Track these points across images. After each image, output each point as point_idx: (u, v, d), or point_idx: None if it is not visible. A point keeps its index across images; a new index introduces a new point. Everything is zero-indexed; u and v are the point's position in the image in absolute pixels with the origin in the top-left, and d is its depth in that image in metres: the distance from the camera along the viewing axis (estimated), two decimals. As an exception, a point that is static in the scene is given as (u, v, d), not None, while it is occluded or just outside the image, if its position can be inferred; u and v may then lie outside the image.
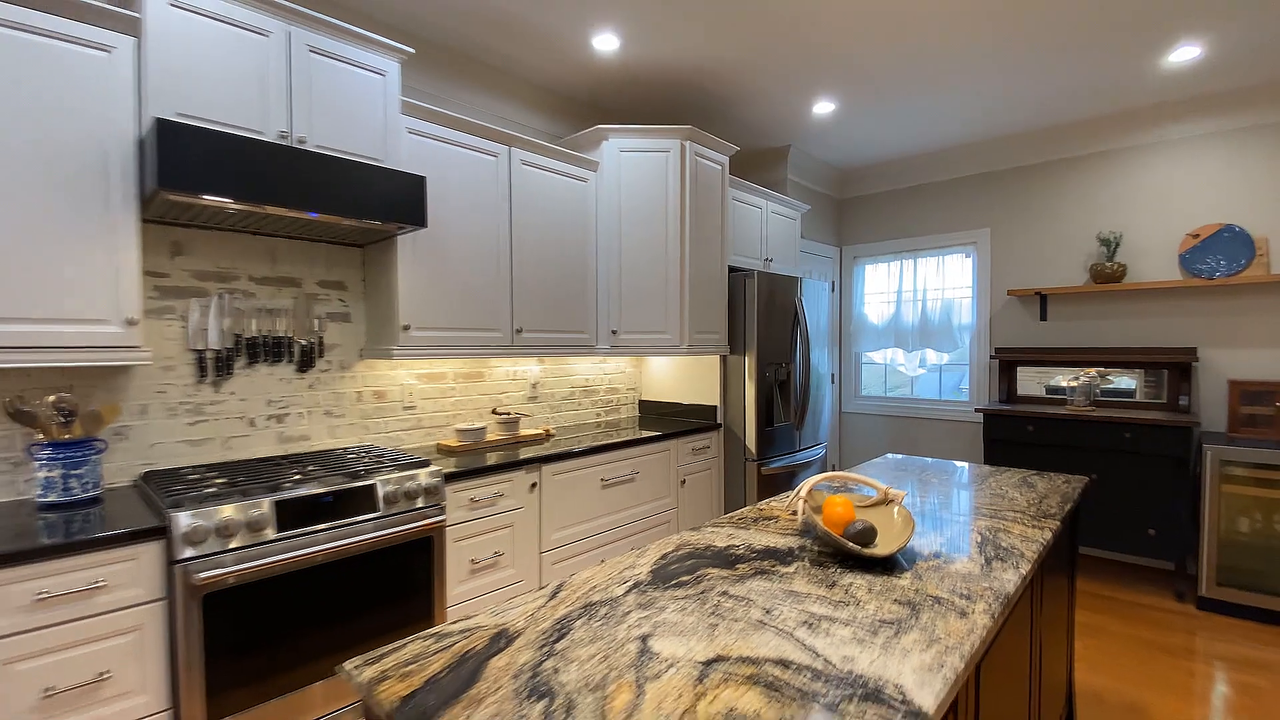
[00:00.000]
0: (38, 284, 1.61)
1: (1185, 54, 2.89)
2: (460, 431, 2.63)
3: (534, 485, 2.46)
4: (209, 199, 1.70)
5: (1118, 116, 3.66)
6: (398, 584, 1.97)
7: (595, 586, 1.14)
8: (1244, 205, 3.40)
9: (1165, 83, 3.22)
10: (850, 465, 4.65)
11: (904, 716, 0.74)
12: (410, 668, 0.86)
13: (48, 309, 1.62)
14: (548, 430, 3.00)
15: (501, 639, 0.94)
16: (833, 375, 4.99)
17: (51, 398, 1.74)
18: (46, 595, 1.41)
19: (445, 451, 2.56)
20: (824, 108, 3.50)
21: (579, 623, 1.00)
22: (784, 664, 0.87)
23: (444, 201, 2.43)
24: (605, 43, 2.73)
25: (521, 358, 2.94)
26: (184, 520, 1.56)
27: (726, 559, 1.29)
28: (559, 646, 0.92)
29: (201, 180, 1.66)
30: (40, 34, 1.59)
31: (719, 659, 0.88)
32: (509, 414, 2.77)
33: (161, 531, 1.55)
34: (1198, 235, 3.50)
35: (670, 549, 1.35)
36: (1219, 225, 3.45)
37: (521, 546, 2.42)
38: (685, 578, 1.18)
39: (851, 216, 4.95)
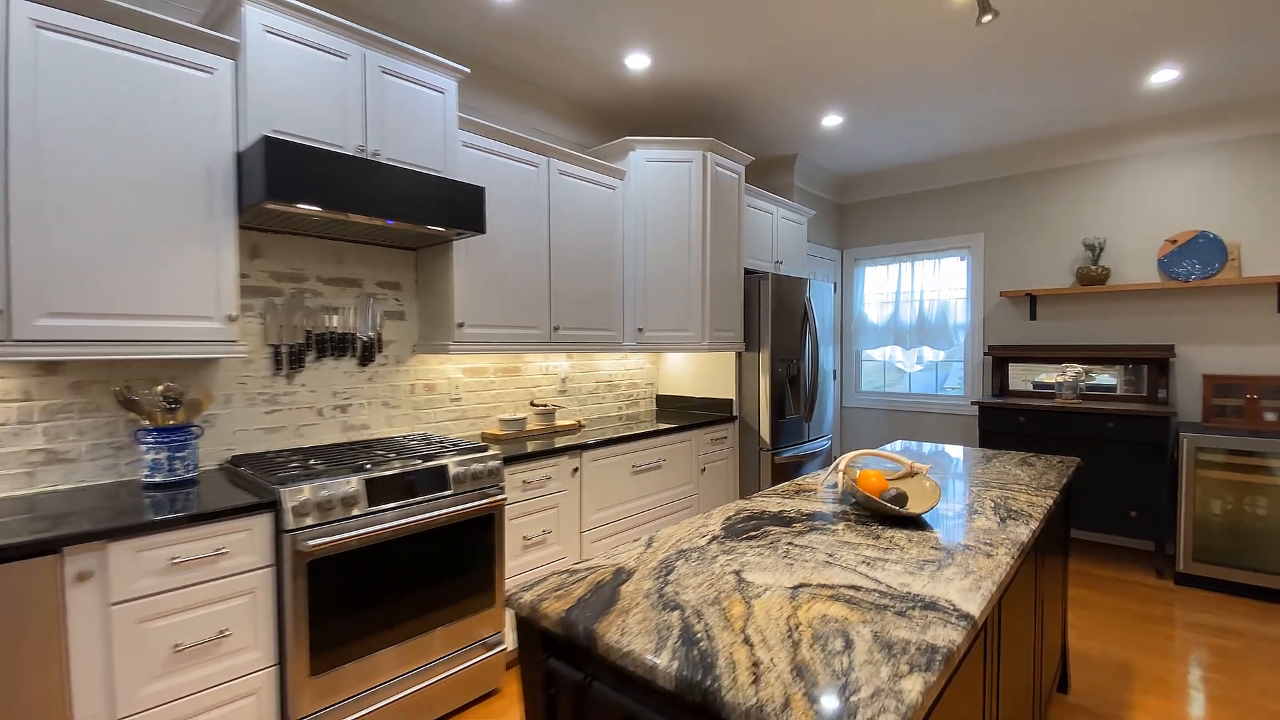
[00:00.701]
0: (150, 284, 1.79)
1: (1165, 75, 3.17)
2: (503, 421, 2.83)
3: (575, 470, 2.67)
4: (302, 207, 1.89)
5: (1103, 130, 3.94)
6: (466, 556, 2.17)
7: (680, 539, 1.36)
8: (1217, 213, 3.70)
9: (1147, 101, 3.50)
10: (846, 457, 4.90)
11: (956, 618, 0.97)
12: (559, 592, 1.07)
13: (158, 306, 1.81)
14: (579, 421, 3.20)
15: (622, 574, 1.15)
16: (835, 371, 5.23)
17: (160, 387, 1.92)
18: (180, 560, 1.60)
19: (490, 439, 2.76)
20: (832, 120, 3.74)
21: (679, 563, 1.21)
22: (854, 588, 1.09)
23: (493, 208, 2.63)
24: (637, 62, 2.95)
25: (554, 354, 3.15)
26: (292, 495, 1.75)
27: (782, 520, 1.51)
28: (671, 578, 1.13)
29: (299, 191, 1.86)
30: (151, 56, 1.78)
31: (802, 585, 1.10)
32: (546, 405, 2.97)
33: (272, 505, 1.74)
34: (1175, 241, 3.79)
35: (732, 513, 1.57)
36: (1194, 232, 3.74)
37: (565, 525, 2.62)
38: (753, 533, 1.40)
39: (853, 221, 5.21)
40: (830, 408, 4.21)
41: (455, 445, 2.32)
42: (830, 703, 0.74)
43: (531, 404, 3.11)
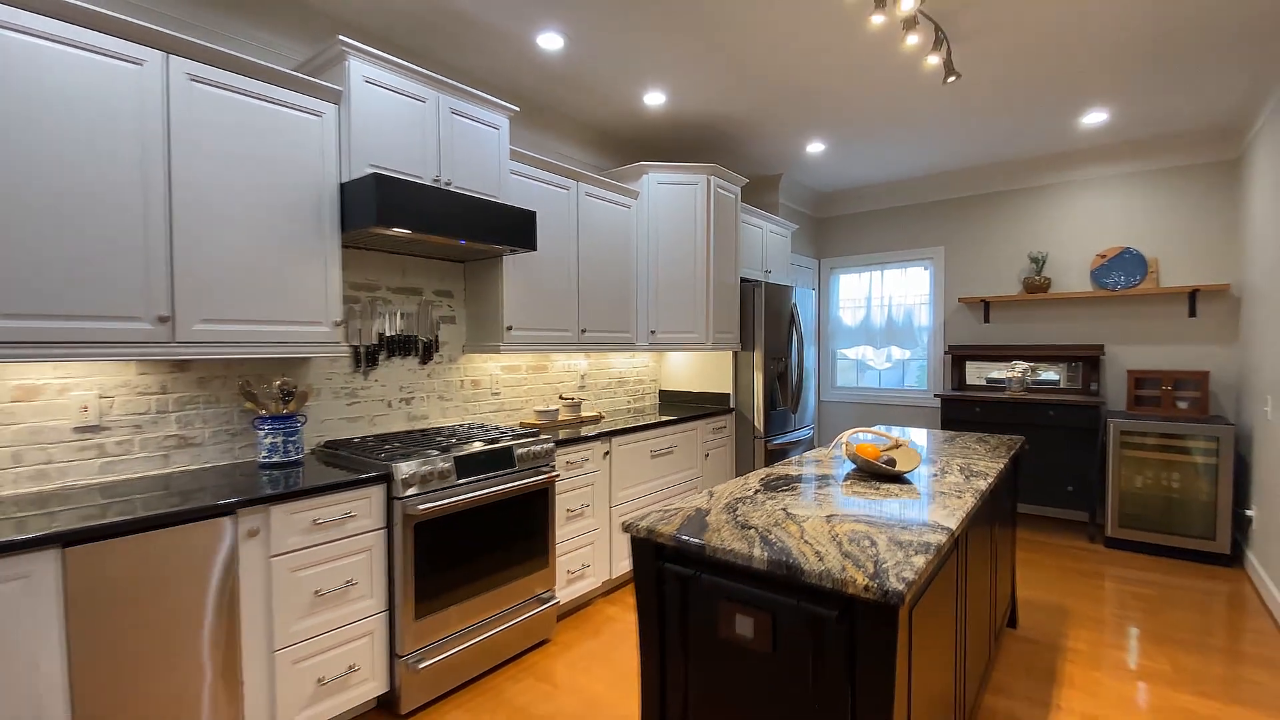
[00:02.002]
0: (275, 295, 2.14)
1: (1096, 117, 3.75)
2: (538, 412, 3.23)
3: (606, 453, 3.08)
4: (399, 230, 2.27)
5: (1045, 160, 4.55)
6: (527, 524, 2.57)
7: (732, 491, 1.80)
8: (1140, 232, 4.33)
9: (1081, 136, 4.10)
10: (830, 443, 5.42)
11: (940, 530, 1.43)
12: (663, 522, 1.49)
13: (281, 313, 2.16)
14: (599, 413, 3.62)
15: (702, 511, 1.58)
16: (814, 369, 5.75)
17: (278, 382, 2.27)
18: (320, 521, 1.97)
19: (527, 428, 3.15)
20: (816, 147, 4.24)
21: (739, 505, 1.65)
22: (869, 516, 1.54)
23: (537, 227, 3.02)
24: (654, 99, 3.38)
25: (579, 353, 3.55)
26: (403, 468, 2.13)
27: (804, 479, 1.96)
28: (738, 512, 1.57)
29: (399, 217, 2.23)
30: (273, 103, 2.13)
31: (833, 515, 1.55)
32: (573, 399, 3.38)
33: (385, 478, 2.12)
34: (1104, 255, 4.42)
35: (764, 476, 2.02)
36: (1121, 248, 4.37)
37: (598, 501, 3.04)
38: (785, 487, 1.85)
39: (829, 233, 5.74)
40: (811, 401, 4.72)
41: (511, 431, 2.71)
42: (869, 567, 1.19)
43: (560, 397, 3.52)
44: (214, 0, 2.30)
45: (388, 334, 2.76)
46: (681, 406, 4.17)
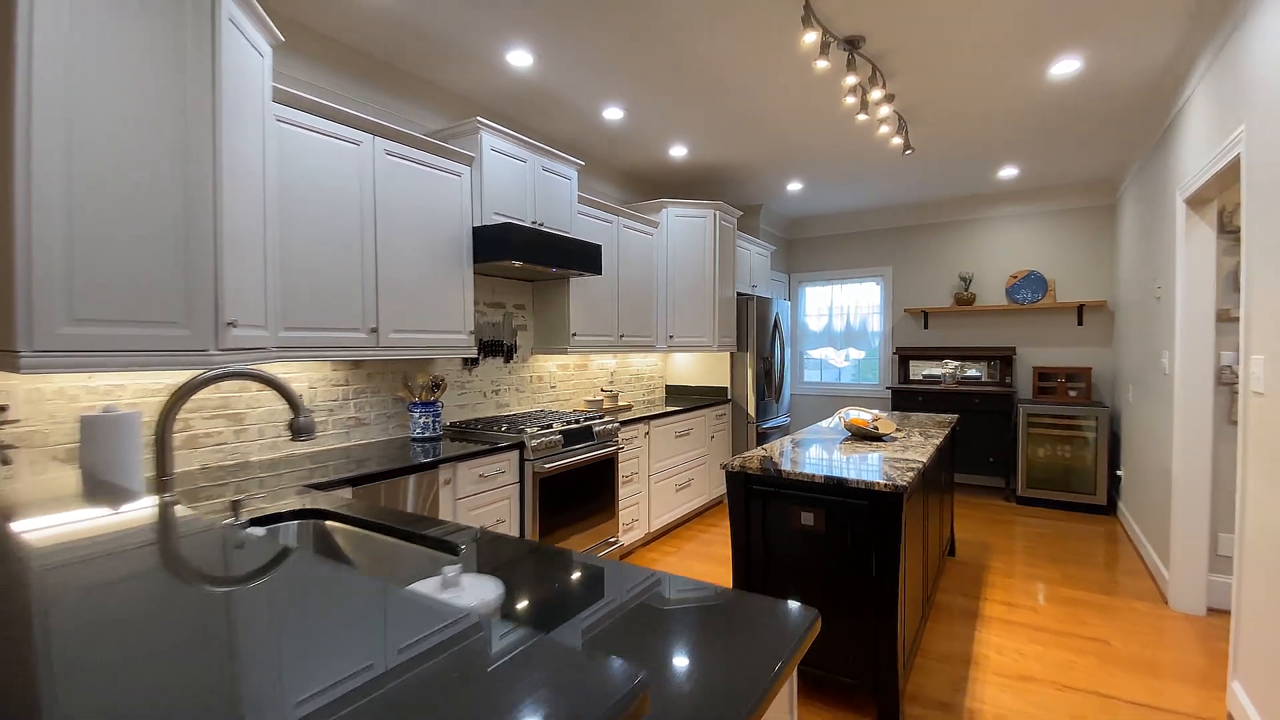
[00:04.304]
0: (433, 311, 2.88)
1: (1009, 171, 4.86)
2: (587, 401, 4.03)
3: (646, 433, 3.92)
4: (516, 263, 3.04)
5: (972, 200, 5.68)
6: (601, 483, 3.38)
7: (774, 449, 2.68)
8: (1043, 258, 5.50)
9: (999, 183, 5.22)
10: (800, 429, 6.43)
11: (915, 462, 2.36)
12: (747, 462, 2.36)
13: (436, 324, 2.90)
14: (629, 403, 4.44)
15: (766, 457, 2.46)
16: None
17: (430, 377, 3.00)
18: (484, 475, 2.73)
19: (580, 413, 3.94)
20: (795, 186, 5.21)
21: (784, 456, 2.53)
22: (865, 456, 2.45)
23: (591, 254, 3.82)
24: (679, 151, 4.24)
25: (611, 354, 4.36)
26: (532, 437, 2.91)
27: (819, 441, 2.87)
28: (788, 458, 2.45)
29: (518, 253, 3.00)
30: (430, 167, 2.87)
31: (850, 457, 2.45)
32: (612, 391, 4.19)
33: (519, 445, 2.89)
34: (1016, 276, 5.58)
35: (790, 439, 2.91)
36: (1028, 270, 5.53)
37: (641, 470, 3.87)
38: (808, 445, 2.75)
39: (799, 253, 6.75)
40: (788, 393, 5.68)
41: (583, 415, 3.51)
42: (878, 477, 2.09)
43: (602, 390, 4.32)
44: (380, 85, 3.01)
45: (484, 339, 3.51)
46: (686, 398, 5.04)
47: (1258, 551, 2.05)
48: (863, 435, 2.92)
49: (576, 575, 1.16)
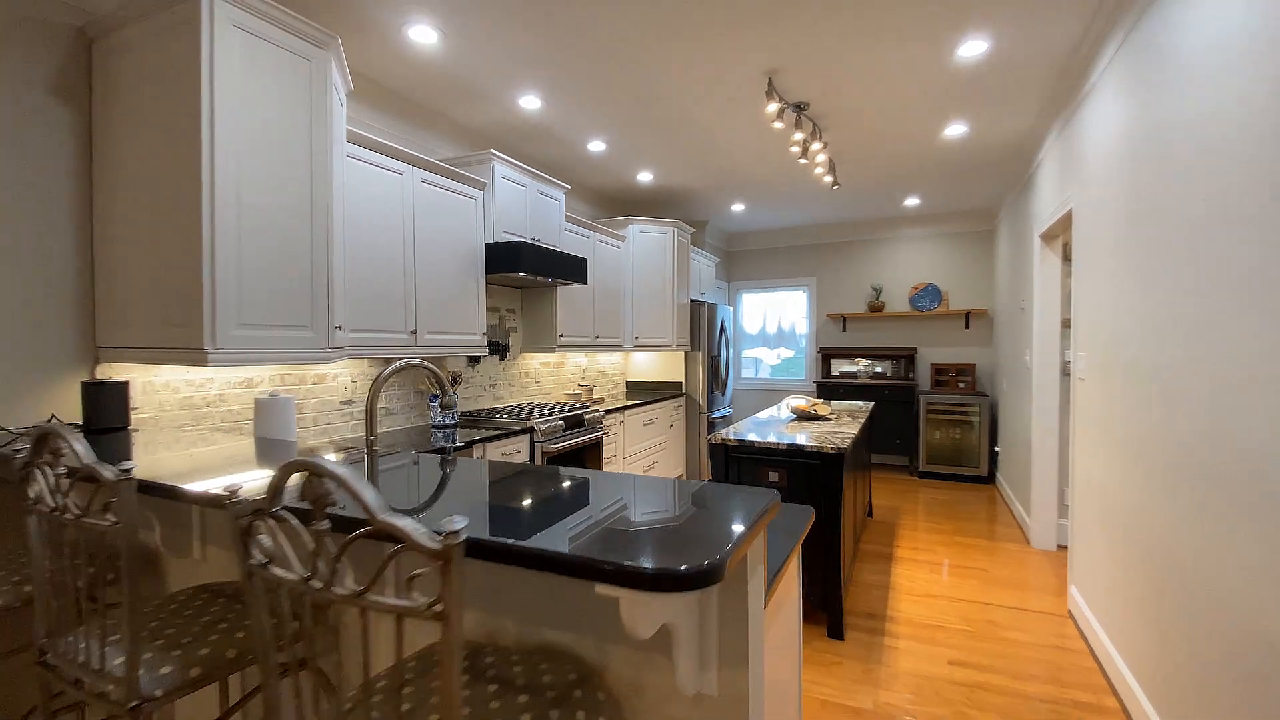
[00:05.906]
0: (456, 316, 3.36)
1: (912, 200, 5.84)
2: (569, 395, 4.59)
3: (621, 421, 4.53)
4: (521, 274, 3.56)
5: (883, 221, 6.67)
6: (591, 463, 3.95)
7: (739, 428, 3.37)
8: (939, 272, 6.56)
9: (905, 209, 6.21)
10: (741, 419, 7.24)
11: (847, 434, 3.11)
12: (727, 435, 3.02)
13: (456, 327, 3.38)
14: (602, 396, 5.03)
15: (738, 433, 3.13)
16: (723, 365, 7.51)
17: (452, 370, 3.47)
18: (506, 453, 3.24)
19: (562, 404, 4.49)
20: (738, 206, 5.97)
21: (750, 433, 3.23)
22: (810, 431, 3.19)
23: (574, 265, 4.38)
24: (645, 176, 4.88)
25: (586, 353, 4.93)
26: (541, 423, 3.45)
27: (771, 421, 3.59)
28: (753, 435, 3.14)
29: (523, 266, 3.53)
30: (452, 192, 3.35)
31: (798, 432, 3.18)
32: (588, 386, 4.77)
33: (529, 429, 3.43)
34: (917, 287, 6.61)
35: (746, 422, 3.61)
36: (926, 283, 6.58)
37: (619, 453, 4.48)
38: (763, 426, 3.46)
39: (737, 263, 7.55)
40: (731, 387, 6.45)
41: (570, 406, 4.07)
42: (827, 444, 2.82)
43: (579, 384, 4.88)
44: (406, 119, 3.45)
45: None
46: (645, 392, 5.69)
47: (1082, 494, 2.94)
48: (806, 417, 3.67)
49: (644, 483, 1.77)
